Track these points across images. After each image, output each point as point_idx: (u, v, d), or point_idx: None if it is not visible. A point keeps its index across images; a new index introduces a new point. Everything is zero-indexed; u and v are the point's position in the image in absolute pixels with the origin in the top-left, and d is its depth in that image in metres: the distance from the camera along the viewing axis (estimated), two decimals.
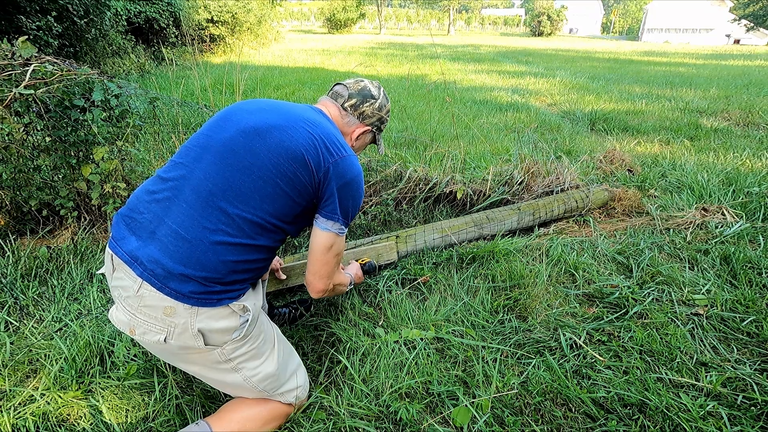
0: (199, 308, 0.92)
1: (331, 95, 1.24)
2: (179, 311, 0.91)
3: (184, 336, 0.92)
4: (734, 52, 19.73)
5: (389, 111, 1.29)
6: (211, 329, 0.94)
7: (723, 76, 9.27)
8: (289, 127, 1.01)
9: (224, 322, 0.95)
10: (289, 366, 1.14)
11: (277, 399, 1.12)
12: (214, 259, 0.92)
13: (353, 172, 1.08)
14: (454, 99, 6.03)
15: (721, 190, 2.66)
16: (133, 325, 0.93)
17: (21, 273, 1.77)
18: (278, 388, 1.10)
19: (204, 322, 0.93)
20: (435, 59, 11.99)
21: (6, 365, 1.33)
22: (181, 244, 0.91)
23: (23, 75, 1.82)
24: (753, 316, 1.55)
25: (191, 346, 0.94)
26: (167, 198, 0.95)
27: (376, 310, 1.64)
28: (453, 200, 2.48)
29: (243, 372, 1.03)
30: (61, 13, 6.07)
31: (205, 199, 0.93)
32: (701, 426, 1.13)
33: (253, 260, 0.99)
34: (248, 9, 12.77)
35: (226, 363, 1.00)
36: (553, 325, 1.53)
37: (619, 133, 4.40)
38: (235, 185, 0.95)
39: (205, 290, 0.92)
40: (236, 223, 0.94)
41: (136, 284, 0.91)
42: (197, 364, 1.00)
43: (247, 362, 1.03)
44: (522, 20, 64.01)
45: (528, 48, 20.10)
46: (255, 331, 1.03)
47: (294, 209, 1.02)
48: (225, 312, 0.95)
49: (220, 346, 0.97)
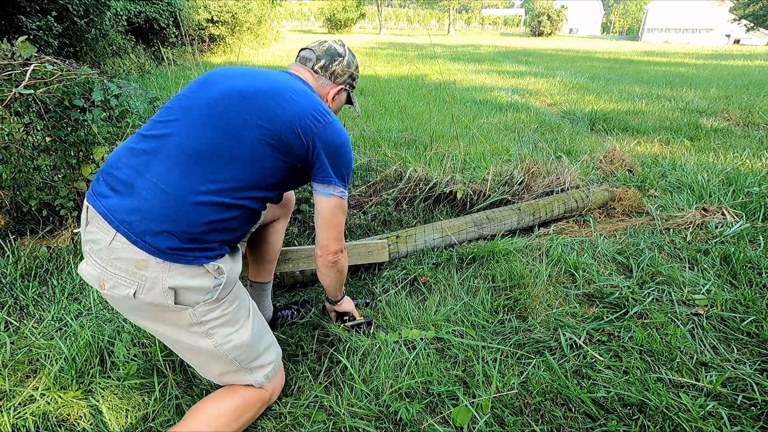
0: (172, 264, 0.90)
1: (299, 61, 1.25)
2: (151, 265, 0.88)
3: (154, 291, 0.90)
4: (734, 52, 19.74)
5: (357, 67, 1.30)
6: (182, 287, 0.91)
7: (723, 76, 9.27)
8: (275, 94, 1.02)
9: (197, 281, 0.93)
10: (264, 340, 1.11)
11: (247, 378, 1.07)
12: (194, 216, 0.91)
13: (341, 138, 1.09)
14: (454, 99, 6.03)
15: (721, 190, 2.66)
16: (103, 279, 0.91)
17: (21, 273, 1.77)
18: (250, 361, 1.06)
19: (176, 278, 0.90)
20: (435, 59, 11.99)
21: (6, 365, 1.33)
22: (162, 199, 0.89)
23: (23, 75, 1.82)
24: (753, 316, 1.55)
25: (161, 304, 0.91)
26: (148, 153, 0.93)
27: (375, 310, 1.64)
28: (453, 200, 2.48)
29: (215, 338, 0.99)
30: (61, 13, 6.07)
31: (190, 157, 0.92)
32: (701, 426, 1.13)
33: (233, 220, 0.97)
34: (248, 9, 12.77)
35: (198, 326, 0.97)
36: (553, 325, 1.53)
37: (619, 133, 4.40)
38: (222, 146, 0.94)
39: (182, 247, 0.90)
40: (220, 183, 0.94)
41: (109, 236, 0.88)
42: (168, 324, 0.97)
43: (220, 328, 0.99)
44: (522, 20, 64.02)
45: (528, 48, 20.10)
46: (230, 297, 1.01)
47: (279, 174, 1.03)
48: (199, 271, 0.93)
49: (192, 307, 0.94)
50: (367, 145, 3.21)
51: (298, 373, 1.35)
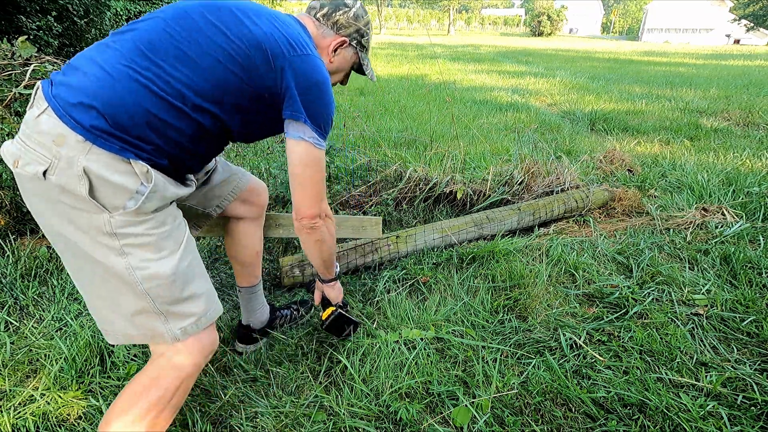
0: (93, 146, 0.80)
1: (306, 11, 1.16)
2: (70, 142, 0.80)
3: (67, 173, 0.79)
4: (734, 52, 19.74)
5: (369, 24, 1.18)
6: (100, 177, 0.81)
7: (723, 76, 9.27)
8: (253, 13, 0.95)
9: (119, 176, 0.82)
10: (192, 285, 0.95)
11: (159, 329, 0.92)
12: (130, 100, 0.83)
13: (318, 75, 0.98)
14: (454, 99, 6.03)
15: (721, 190, 2.66)
16: (19, 155, 0.82)
17: (21, 273, 1.77)
18: (169, 302, 0.91)
19: (94, 163, 0.80)
20: (435, 59, 11.99)
21: (6, 365, 1.33)
22: (100, 77, 0.83)
23: (23, 75, 1.82)
24: (753, 316, 1.55)
25: (73, 192, 0.80)
26: (106, 45, 0.89)
27: (375, 310, 1.64)
28: (453, 200, 2.48)
29: (129, 258, 0.86)
30: (61, 13, 6.07)
31: (142, 46, 0.86)
32: (701, 426, 1.13)
33: (172, 128, 0.87)
34: None
35: (112, 239, 0.84)
36: (553, 325, 1.53)
37: (619, 133, 4.40)
38: (179, 42, 0.88)
39: (109, 131, 0.81)
40: (168, 80, 0.86)
41: (40, 110, 0.82)
42: (80, 228, 0.84)
43: (138, 249, 0.87)
44: (522, 20, 64.06)
45: (528, 48, 20.11)
46: (158, 217, 0.89)
47: (240, 97, 0.94)
48: (123, 166, 0.83)
49: (110, 212, 0.83)
50: (367, 145, 3.21)
51: (298, 373, 1.35)
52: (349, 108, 5.05)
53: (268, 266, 1.94)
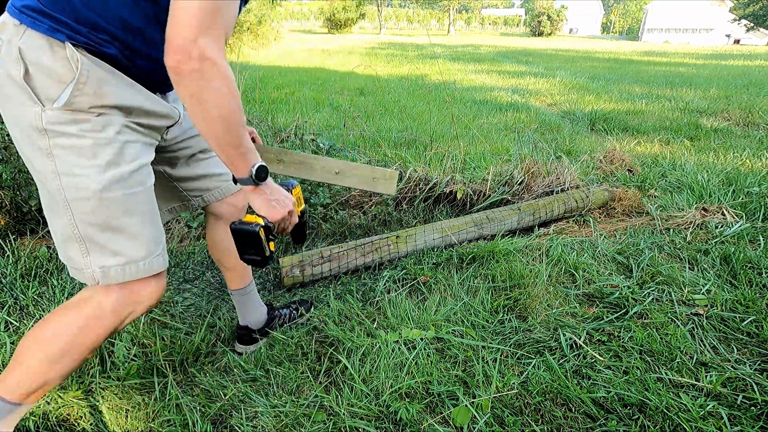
0: (28, 28, 0.76)
1: None
2: (8, 27, 0.77)
3: (8, 60, 0.76)
4: (734, 52, 19.74)
5: None
6: (35, 62, 0.76)
7: (723, 76, 9.27)
8: None
9: (51, 61, 0.76)
10: (134, 218, 0.84)
11: (79, 261, 0.83)
12: None
13: None
14: (454, 99, 6.04)
15: (721, 190, 2.67)
16: None
17: (21, 273, 1.77)
18: (91, 219, 0.81)
19: (27, 43, 0.75)
20: (435, 59, 11.99)
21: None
22: None
23: None
24: (753, 316, 1.55)
25: (12, 76, 0.76)
26: None
27: (375, 310, 1.64)
28: (453, 200, 2.48)
29: (56, 162, 0.78)
30: None
31: None
32: (701, 426, 1.13)
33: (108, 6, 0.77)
34: (248, 9, 12.78)
35: (42, 136, 0.78)
36: (553, 325, 1.53)
37: (619, 133, 4.40)
38: None
39: (40, 9, 0.76)
40: None
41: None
42: (19, 127, 0.79)
43: (69, 153, 0.78)
44: (522, 20, 64.08)
45: (528, 48, 20.11)
46: (99, 120, 0.80)
47: None
48: (57, 50, 0.76)
49: (42, 105, 0.77)
50: (367, 145, 3.21)
51: (298, 373, 1.35)
52: (349, 108, 5.05)
53: (267, 266, 1.94)
